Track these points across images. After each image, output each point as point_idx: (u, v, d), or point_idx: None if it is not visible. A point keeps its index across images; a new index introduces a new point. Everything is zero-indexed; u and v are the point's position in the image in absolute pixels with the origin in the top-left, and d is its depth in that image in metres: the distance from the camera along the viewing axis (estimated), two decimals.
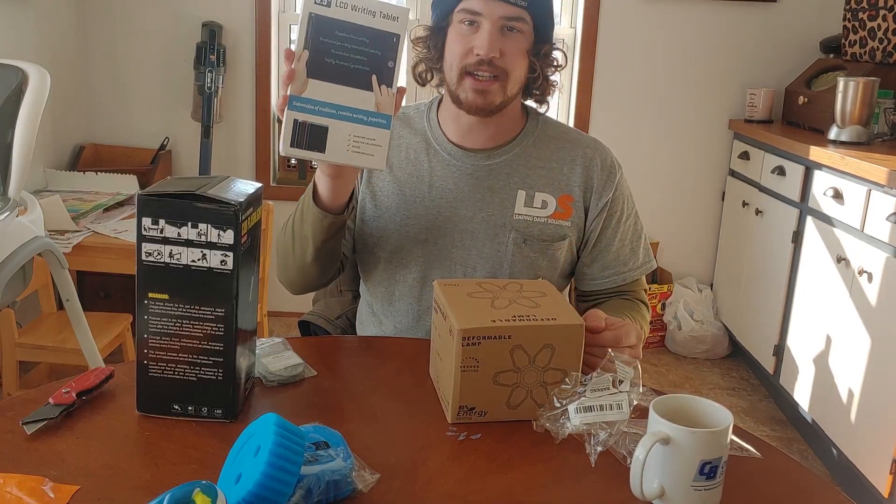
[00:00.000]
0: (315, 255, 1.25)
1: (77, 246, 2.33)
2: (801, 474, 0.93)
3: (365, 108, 1.08)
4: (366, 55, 1.07)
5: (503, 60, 1.23)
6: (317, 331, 1.46)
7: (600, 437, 0.90)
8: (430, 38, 1.31)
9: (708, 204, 3.43)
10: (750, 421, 2.77)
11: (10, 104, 1.75)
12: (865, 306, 2.19)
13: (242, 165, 3.38)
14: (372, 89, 1.08)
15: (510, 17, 1.22)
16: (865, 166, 2.18)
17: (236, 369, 0.96)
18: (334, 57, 1.06)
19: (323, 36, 1.05)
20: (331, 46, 1.05)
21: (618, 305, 1.36)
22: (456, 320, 0.96)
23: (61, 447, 0.90)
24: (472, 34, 1.23)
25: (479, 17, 1.22)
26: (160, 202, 0.91)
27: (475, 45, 1.22)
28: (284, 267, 1.33)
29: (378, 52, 1.07)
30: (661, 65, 3.31)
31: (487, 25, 1.21)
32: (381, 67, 1.07)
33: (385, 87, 1.08)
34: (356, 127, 1.08)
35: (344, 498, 0.82)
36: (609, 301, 1.39)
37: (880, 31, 2.71)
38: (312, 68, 1.05)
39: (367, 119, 1.08)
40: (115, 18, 3.23)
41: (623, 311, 1.32)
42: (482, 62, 1.22)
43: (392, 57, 1.08)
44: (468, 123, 1.31)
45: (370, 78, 1.07)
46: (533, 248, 1.32)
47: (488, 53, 1.21)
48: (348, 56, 1.06)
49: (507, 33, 1.23)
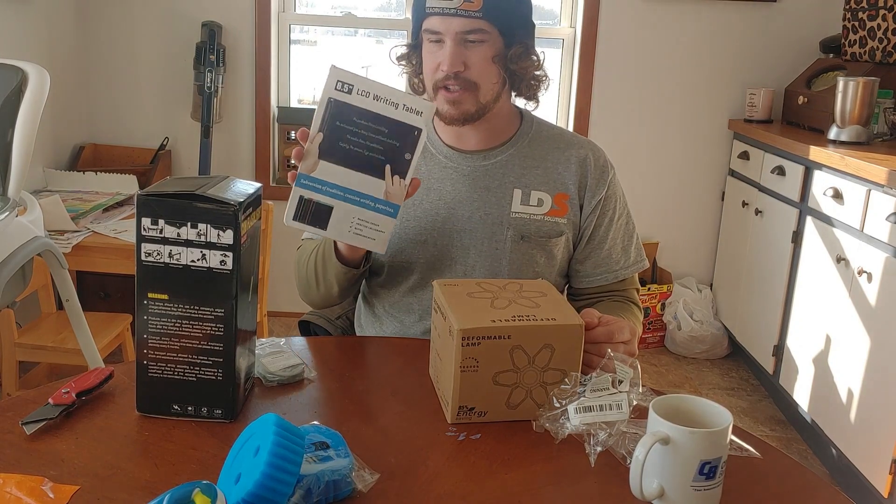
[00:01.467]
0: (340, 292, 1.31)
1: (77, 246, 2.33)
2: (800, 474, 0.93)
3: (373, 195, 1.09)
4: (382, 144, 1.08)
5: (469, 72, 1.26)
6: (317, 331, 1.47)
7: (600, 437, 0.90)
8: (411, 54, 1.36)
9: (708, 204, 3.43)
10: (749, 421, 2.77)
11: (9, 104, 1.75)
12: (865, 306, 2.19)
13: (242, 165, 3.38)
14: (383, 177, 1.09)
15: (468, 31, 1.25)
16: (865, 166, 2.18)
17: (236, 369, 0.96)
18: (349, 142, 1.07)
19: (340, 121, 1.06)
20: (347, 132, 1.06)
21: (609, 307, 1.37)
22: (456, 320, 0.96)
23: (61, 447, 0.90)
24: (438, 50, 1.28)
25: (439, 34, 1.26)
26: (160, 202, 0.91)
27: (440, 61, 1.26)
28: (306, 294, 1.36)
29: (396, 143, 1.08)
30: (660, 65, 3.31)
31: (448, 41, 1.25)
32: (396, 158, 1.08)
33: (398, 177, 1.09)
34: (362, 211, 1.10)
35: (344, 498, 0.82)
36: (601, 303, 1.40)
37: (880, 30, 2.71)
38: (325, 150, 1.07)
39: (373, 205, 1.10)
40: (115, 18, 3.23)
41: (615, 312, 1.32)
42: (449, 77, 1.26)
43: (411, 150, 1.09)
44: (460, 128, 1.34)
45: (383, 166, 1.08)
46: (530, 244, 1.33)
47: (452, 69, 1.25)
48: (363, 143, 1.07)
49: (469, 45, 1.26)
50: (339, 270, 1.24)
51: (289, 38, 3.39)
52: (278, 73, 3.39)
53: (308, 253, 1.34)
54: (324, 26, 3.60)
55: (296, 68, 3.46)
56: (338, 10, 3.49)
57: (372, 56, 3.65)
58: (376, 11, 3.55)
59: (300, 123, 3.37)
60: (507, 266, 1.33)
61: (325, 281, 1.28)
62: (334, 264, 1.24)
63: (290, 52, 3.41)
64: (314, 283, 1.31)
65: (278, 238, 3.09)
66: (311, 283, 1.32)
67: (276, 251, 3.07)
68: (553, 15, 3.47)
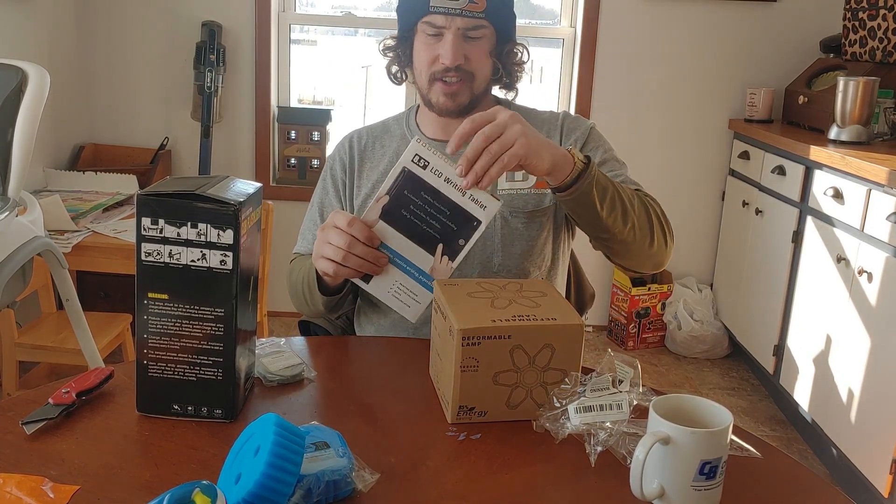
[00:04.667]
0: (330, 310, 1.34)
1: (77, 246, 2.33)
2: (801, 474, 0.93)
3: (419, 266, 1.13)
4: (441, 224, 1.11)
5: (468, 64, 1.31)
6: (317, 331, 1.47)
7: (600, 437, 0.90)
8: (399, 45, 1.39)
9: (708, 204, 3.43)
10: (750, 421, 2.77)
11: (9, 104, 1.75)
12: (865, 306, 2.19)
13: (242, 165, 3.38)
14: (433, 253, 1.12)
15: (470, 28, 1.29)
16: (865, 166, 2.18)
17: (236, 369, 0.96)
18: (411, 212, 1.10)
19: (408, 191, 1.09)
20: (411, 202, 1.09)
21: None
22: (456, 320, 0.96)
23: (61, 447, 0.90)
24: (436, 43, 1.31)
25: (441, 28, 1.29)
26: (160, 202, 0.91)
27: (440, 53, 1.30)
28: (299, 309, 1.39)
29: (454, 227, 1.11)
30: (660, 65, 3.31)
31: (450, 36, 1.29)
32: (450, 240, 1.12)
33: (447, 258, 1.12)
34: (405, 278, 1.14)
35: (344, 498, 0.82)
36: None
37: (880, 30, 2.71)
38: (387, 213, 1.10)
39: (417, 276, 1.14)
40: (115, 18, 3.23)
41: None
42: (449, 69, 1.30)
43: (466, 237, 1.11)
44: (445, 119, 1.38)
45: (436, 244, 1.12)
46: (520, 219, 1.35)
47: (453, 62, 1.29)
48: (423, 217, 1.10)
49: (469, 40, 1.31)
50: (323, 300, 1.28)
51: (289, 37, 3.39)
52: (278, 72, 3.39)
53: (297, 272, 1.36)
54: (324, 26, 3.60)
55: (296, 68, 3.47)
56: (338, 10, 3.49)
57: (372, 56, 3.64)
58: (376, 11, 3.55)
59: (300, 123, 3.37)
60: (500, 242, 1.34)
61: (312, 304, 1.32)
62: (318, 297, 1.27)
63: (290, 51, 3.41)
64: (304, 302, 1.34)
65: (278, 238, 3.10)
66: (301, 302, 1.36)
67: (276, 251, 3.07)
68: (553, 15, 3.47)
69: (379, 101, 4.47)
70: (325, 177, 1.45)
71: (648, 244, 1.24)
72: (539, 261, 1.38)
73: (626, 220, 1.19)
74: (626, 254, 1.26)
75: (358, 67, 4.59)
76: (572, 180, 1.12)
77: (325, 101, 3.82)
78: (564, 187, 1.13)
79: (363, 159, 1.43)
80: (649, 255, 1.27)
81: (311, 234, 1.43)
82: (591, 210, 1.16)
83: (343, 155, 1.44)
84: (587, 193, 1.13)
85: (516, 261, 1.35)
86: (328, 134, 3.41)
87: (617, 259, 1.30)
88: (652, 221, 1.25)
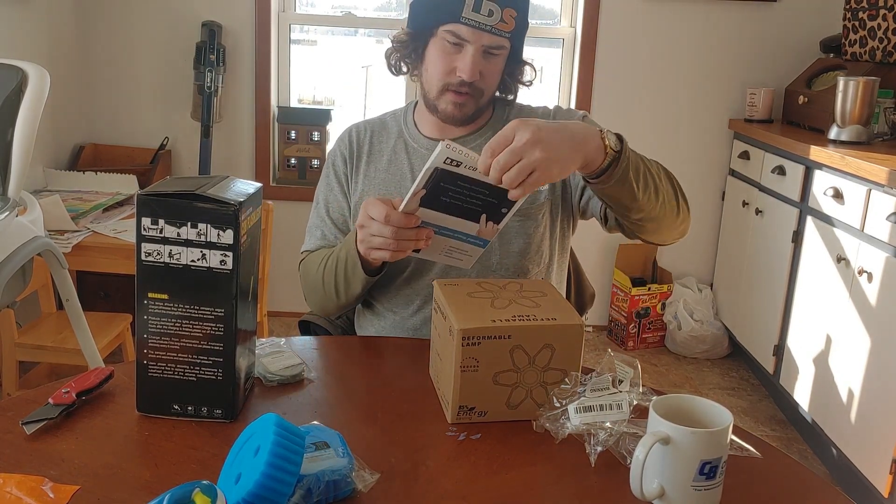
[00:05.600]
0: (359, 297, 1.34)
1: (77, 246, 2.33)
2: (801, 474, 0.93)
3: (466, 232, 1.16)
4: (481, 200, 1.12)
5: (482, 81, 1.32)
6: (317, 331, 1.47)
7: (600, 437, 0.90)
8: (411, 42, 1.37)
9: (708, 204, 3.43)
10: (750, 421, 2.77)
11: (9, 104, 1.75)
12: (865, 306, 2.19)
13: (242, 165, 3.38)
14: (478, 222, 1.15)
15: (494, 46, 1.30)
16: (865, 166, 2.18)
17: (236, 369, 0.96)
18: (449, 196, 1.11)
19: (444, 182, 1.09)
20: (449, 190, 1.10)
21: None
22: (456, 320, 0.96)
23: (61, 447, 0.90)
24: (455, 54, 1.30)
25: (464, 41, 1.29)
26: (160, 202, 0.91)
27: (458, 66, 1.30)
28: (323, 305, 1.38)
29: (495, 201, 1.12)
30: (660, 64, 3.31)
31: (472, 51, 1.29)
32: (494, 211, 1.13)
33: (492, 223, 1.15)
34: (453, 242, 1.18)
35: (344, 498, 0.82)
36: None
37: (880, 30, 2.71)
38: (425, 201, 1.11)
39: (465, 237, 1.17)
40: (115, 18, 3.23)
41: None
42: (464, 83, 1.30)
43: (509, 207, 1.13)
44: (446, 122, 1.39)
45: (479, 215, 1.14)
46: (515, 217, 1.33)
47: (471, 78, 1.29)
48: (463, 197, 1.11)
49: (487, 57, 1.31)
50: (367, 280, 1.27)
51: (289, 37, 3.39)
52: (278, 72, 3.39)
53: (316, 266, 1.35)
54: (324, 26, 3.60)
55: (296, 68, 3.46)
56: (338, 10, 3.49)
57: (372, 56, 3.65)
58: (376, 11, 3.55)
59: (300, 123, 3.37)
60: (497, 241, 1.34)
61: (346, 292, 1.31)
62: (361, 277, 1.26)
63: (290, 51, 3.41)
64: (334, 293, 1.32)
65: (278, 238, 3.10)
66: (330, 295, 1.33)
67: (276, 251, 3.07)
68: (553, 15, 3.47)
69: (379, 101, 4.47)
70: (328, 173, 1.45)
71: (675, 215, 1.23)
72: (537, 258, 1.38)
73: (658, 196, 1.17)
74: (657, 230, 1.24)
75: (358, 67, 4.59)
76: (606, 166, 1.08)
77: (325, 101, 3.83)
78: (598, 173, 1.09)
79: (361, 153, 1.43)
80: (676, 227, 1.26)
81: (318, 231, 1.43)
82: (628, 191, 1.12)
83: (343, 149, 1.45)
84: (623, 177, 1.09)
85: (515, 259, 1.35)
86: (328, 134, 3.41)
87: (644, 235, 1.27)
88: (676, 191, 1.23)
